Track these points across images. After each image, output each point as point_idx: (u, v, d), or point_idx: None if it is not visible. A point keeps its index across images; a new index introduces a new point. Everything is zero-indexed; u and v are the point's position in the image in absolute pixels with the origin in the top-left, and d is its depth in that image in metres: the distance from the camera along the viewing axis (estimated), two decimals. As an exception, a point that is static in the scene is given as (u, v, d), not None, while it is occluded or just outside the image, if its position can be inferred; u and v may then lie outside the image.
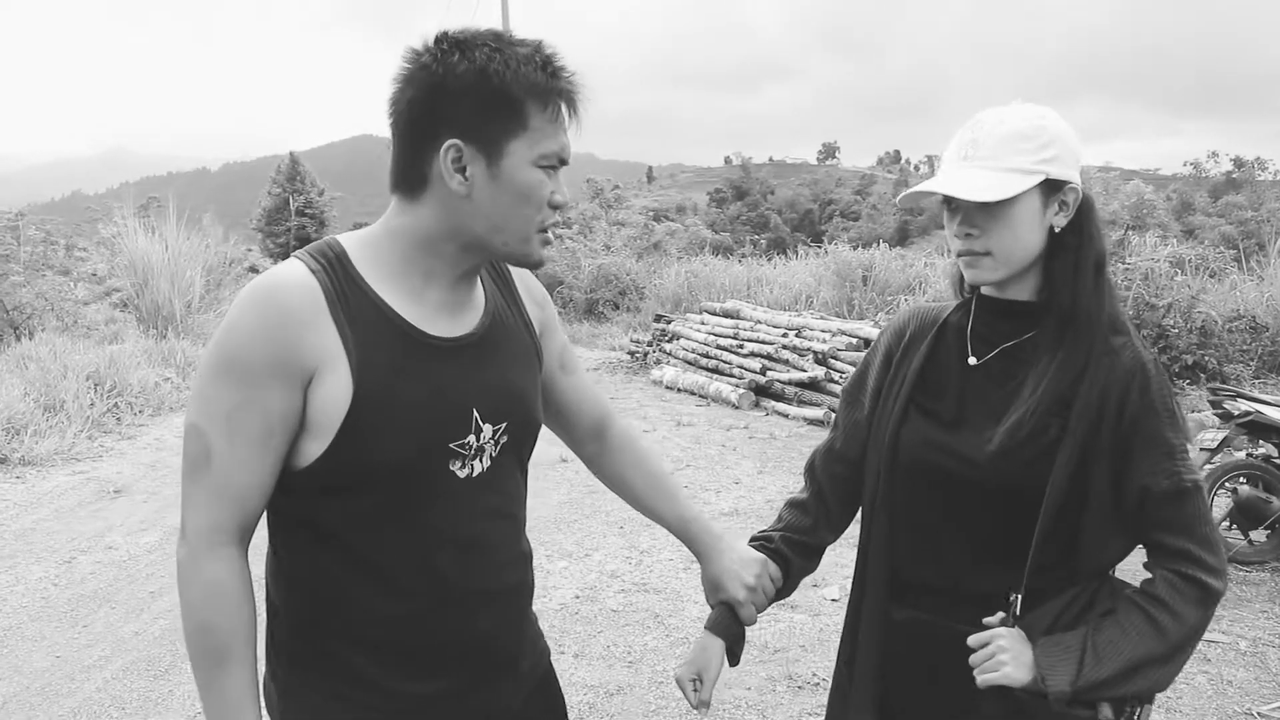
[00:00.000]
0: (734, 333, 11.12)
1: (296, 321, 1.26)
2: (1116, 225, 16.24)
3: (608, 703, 3.62)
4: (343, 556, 1.35)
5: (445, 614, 1.40)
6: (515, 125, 1.28)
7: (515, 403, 1.46)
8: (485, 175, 1.29)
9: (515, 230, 1.33)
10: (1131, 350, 1.47)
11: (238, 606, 1.30)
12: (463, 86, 1.26)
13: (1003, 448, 1.47)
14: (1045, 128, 1.46)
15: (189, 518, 1.30)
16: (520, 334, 1.51)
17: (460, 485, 1.38)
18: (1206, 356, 9.81)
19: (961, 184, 1.45)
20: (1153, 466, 1.43)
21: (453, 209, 1.31)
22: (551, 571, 5.03)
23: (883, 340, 1.73)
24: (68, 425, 8.16)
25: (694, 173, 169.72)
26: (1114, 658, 1.40)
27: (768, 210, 72.72)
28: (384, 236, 1.36)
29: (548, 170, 1.32)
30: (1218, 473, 5.25)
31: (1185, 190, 59.08)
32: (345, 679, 1.38)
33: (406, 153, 1.32)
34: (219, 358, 1.28)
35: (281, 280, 1.28)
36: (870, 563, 1.64)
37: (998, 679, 1.40)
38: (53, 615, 4.57)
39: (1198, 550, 1.44)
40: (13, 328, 12.21)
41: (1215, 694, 3.71)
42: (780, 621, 4.35)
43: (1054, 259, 1.50)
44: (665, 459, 7.58)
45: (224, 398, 1.26)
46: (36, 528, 5.92)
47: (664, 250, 20.69)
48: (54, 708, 3.66)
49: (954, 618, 1.54)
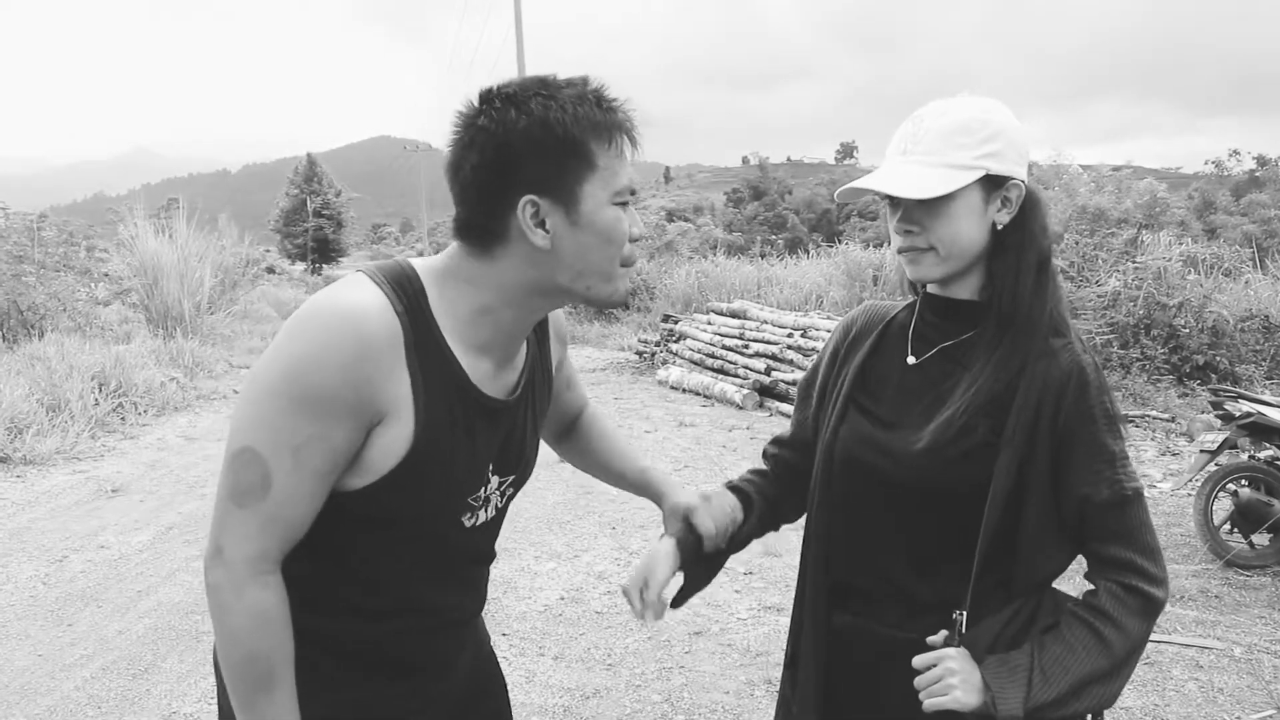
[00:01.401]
0: (740, 333, 11.07)
1: (379, 363, 1.22)
2: (1129, 224, 16.08)
3: (583, 705, 3.59)
4: (344, 579, 1.37)
5: (418, 636, 1.44)
6: (585, 169, 1.25)
7: (525, 458, 1.49)
8: (565, 224, 1.26)
9: (600, 271, 1.31)
10: (1069, 353, 1.43)
11: (283, 631, 1.29)
12: (527, 141, 1.23)
13: (929, 446, 1.43)
14: (988, 121, 1.42)
15: (232, 544, 1.25)
16: (543, 388, 1.53)
17: (464, 534, 1.41)
18: (1218, 357, 9.69)
19: (899, 180, 1.41)
20: (1092, 475, 1.40)
21: (536, 262, 1.28)
22: (539, 573, 5.01)
23: (833, 337, 1.70)
24: (70, 424, 8.20)
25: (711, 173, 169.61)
26: (1061, 676, 1.37)
27: (785, 210, 72.51)
28: (461, 282, 1.32)
29: (621, 206, 1.30)
30: (1218, 475, 5.17)
31: (1207, 189, 58.47)
32: (320, 682, 1.38)
33: (477, 214, 1.28)
34: (292, 387, 1.21)
35: (365, 313, 1.23)
36: (810, 566, 1.61)
37: (946, 703, 1.35)
38: (39, 614, 4.58)
39: (1140, 560, 1.40)
40: (26, 327, 12.31)
41: (1205, 701, 3.64)
42: (764, 624, 4.31)
43: (995, 257, 1.46)
44: (664, 459, 7.54)
45: (294, 430, 1.21)
46: (31, 526, 5.94)
47: (675, 250, 20.64)
48: (31, 706, 3.66)
49: (892, 624, 1.50)
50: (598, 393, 10.79)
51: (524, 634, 4.24)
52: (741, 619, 4.38)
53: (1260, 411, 5.11)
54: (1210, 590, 4.75)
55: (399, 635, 1.41)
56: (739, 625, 4.32)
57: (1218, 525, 5.14)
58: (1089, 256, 11.35)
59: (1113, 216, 19.37)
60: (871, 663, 1.53)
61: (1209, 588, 4.77)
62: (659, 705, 3.59)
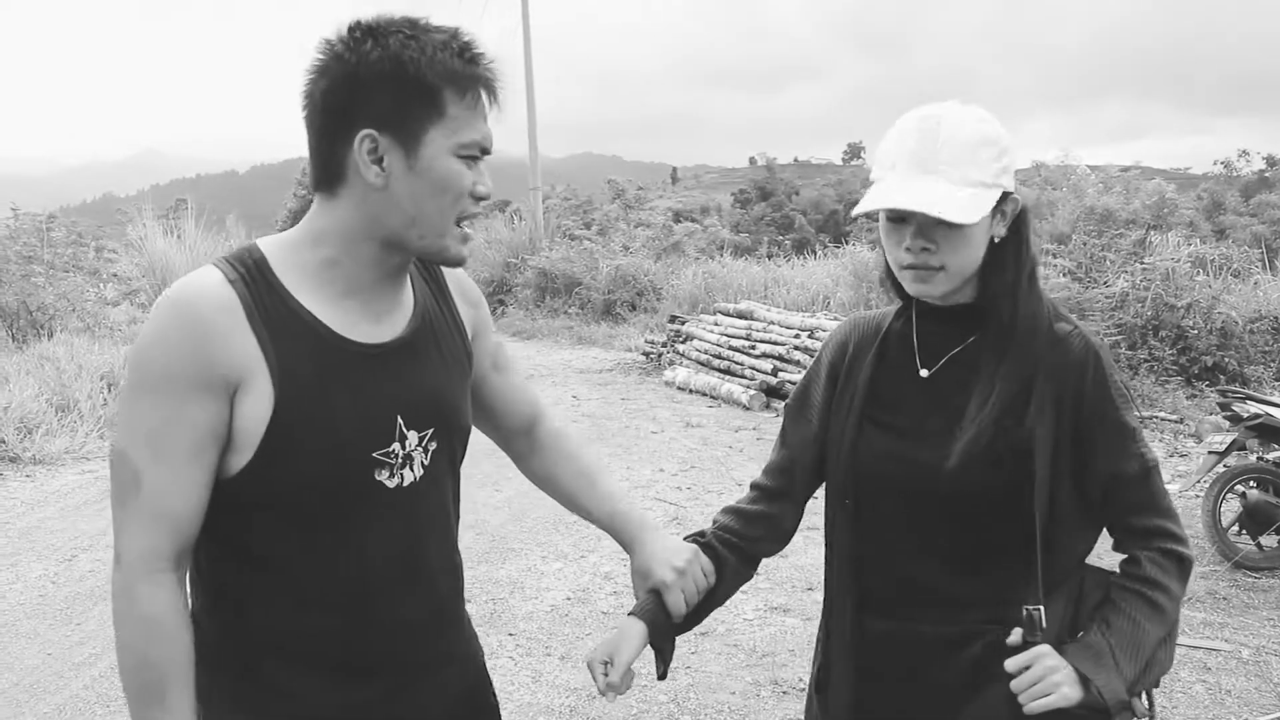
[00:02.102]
0: (747, 333, 11.06)
1: (215, 333, 1.22)
2: (1137, 225, 16.03)
3: (589, 705, 3.59)
4: (266, 571, 1.32)
5: (373, 626, 1.37)
6: (432, 113, 1.24)
7: (442, 408, 1.42)
8: (403, 165, 1.25)
9: (432, 223, 1.28)
10: (1080, 337, 1.46)
11: (175, 640, 1.25)
12: (377, 75, 1.22)
13: (962, 463, 1.43)
14: (1000, 136, 1.42)
15: (122, 545, 1.24)
16: (450, 337, 1.48)
17: (391, 496, 1.35)
18: (1226, 358, 9.65)
19: (931, 199, 1.36)
20: (1119, 451, 1.43)
21: (370, 202, 1.27)
22: (545, 573, 5.01)
23: (825, 354, 1.68)
24: (79, 424, 8.24)
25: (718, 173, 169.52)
26: (1136, 652, 1.39)
27: (792, 211, 72.38)
28: (305, 240, 1.32)
29: (468, 160, 1.28)
30: (1227, 477, 5.16)
31: (1216, 190, 58.23)
32: (266, 690, 1.35)
33: (322, 146, 1.28)
34: (137, 376, 1.24)
35: (196, 290, 1.24)
36: (838, 577, 1.61)
37: (1055, 701, 1.32)
38: (48, 612, 4.60)
39: (1170, 525, 1.46)
40: (35, 328, 12.35)
41: (1212, 703, 3.63)
42: (771, 625, 4.31)
43: (990, 267, 1.46)
44: (671, 459, 7.54)
45: (146, 417, 1.22)
46: (41, 525, 5.97)
47: (682, 251, 20.64)
48: (40, 704, 3.68)
49: (923, 621, 1.51)
50: (605, 393, 10.80)
51: (530, 634, 4.25)
52: (748, 620, 4.39)
53: (1269, 413, 5.10)
54: (1218, 592, 4.74)
55: (357, 628, 1.35)
56: (745, 626, 4.32)
57: (1226, 527, 5.12)
58: (1097, 257, 11.32)
59: (1121, 217, 19.30)
60: (904, 662, 1.54)
61: (1217, 589, 4.76)
62: (665, 705, 3.60)
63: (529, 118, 23.06)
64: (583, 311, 17.79)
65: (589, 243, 19.95)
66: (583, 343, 15.74)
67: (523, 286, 19.18)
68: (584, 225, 23.45)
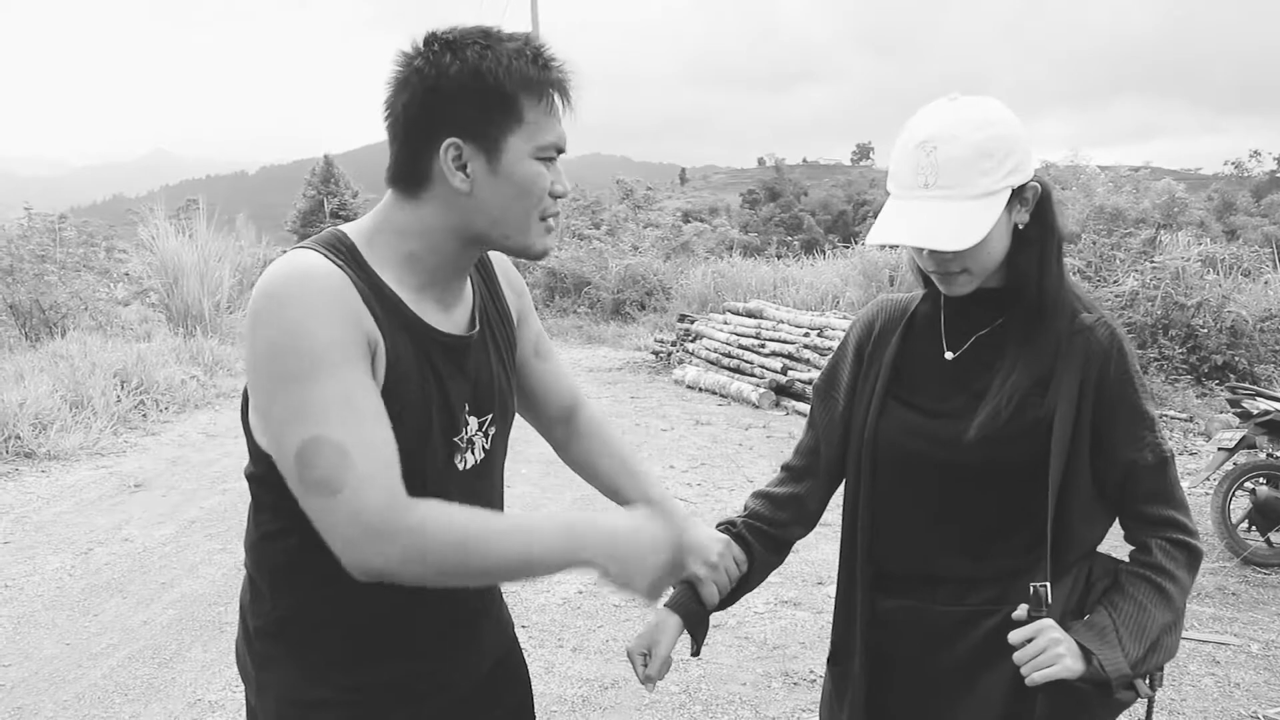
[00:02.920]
0: (756, 332, 11.08)
1: (348, 301, 1.24)
2: (1147, 224, 16.01)
3: (601, 696, 3.63)
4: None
5: (430, 603, 1.42)
6: (511, 120, 1.29)
7: (498, 395, 1.49)
8: (486, 171, 1.30)
9: (517, 223, 1.34)
10: (1105, 326, 1.48)
11: (461, 511, 1.25)
12: (457, 86, 1.27)
13: (981, 435, 1.46)
14: (1002, 137, 1.40)
15: (364, 510, 1.18)
16: (501, 325, 1.54)
17: (460, 477, 1.41)
18: (1237, 357, 9.65)
19: (934, 228, 1.39)
20: (1136, 440, 1.46)
21: (456, 206, 1.32)
22: (557, 567, 5.04)
23: (852, 335, 1.71)
24: (94, 421, 8.30)
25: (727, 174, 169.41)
26: (1141, 634, 1.42)
27: (801, 211, 72.35)
28: (389, 233, 1.35)
29: (546, 162, 1.33)
30: (1236, 473, 5.17)
31: (1227, 190, 58.03)
32: (324, 661, 1.40)
33: (405, 154, 1.32)
34: (295, 362, 1.19)
35: (313, 268, 1.24)
36: (855, 555, 1.64)
37: (1058, 672, 1.34)
38: (66, 604, 4.65)
39: (1181, 517, 1.48)
40: (48, 326, 12.44)
41: (1221, 696, 3.65)
42: (781, 618, 4.34)
43: (1019, 253, 1.48)
44: (681, 457, 7.57)
45: (326, 393, 1.19)
46: (57, 520, 6.02)
47: (691, 251, 20.66)
48: (59, 693, 3.73)
49: (945, 602, 1.54)
50: (614, 391, 10.83)
51: (543, 626, 4.28)
52: (758, 613, 4.41)
53: (1279, 409, 5.11)
54: (1227, 588, 4.75)
55: (415, 604, 1.39)
56: (756, 619, 4.35)
57: (1235, 523, 5.13)
58: (1106, 256, 11.32)
59: (1130, 216, 19.27)
60: (916, 640, 1.57)
61: (1226, 585, 4.77)
62: (676, 696, 3.63)
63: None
64: (592, 311, 17.83)
65: (598, 242, 19.99)
66: (592, 342, 15.78)
67: (532, 286, 19.24)
68: (593, 225, 23.47)
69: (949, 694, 1.55)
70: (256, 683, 1.45)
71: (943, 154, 1.39)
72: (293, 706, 1.41)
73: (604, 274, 18.09)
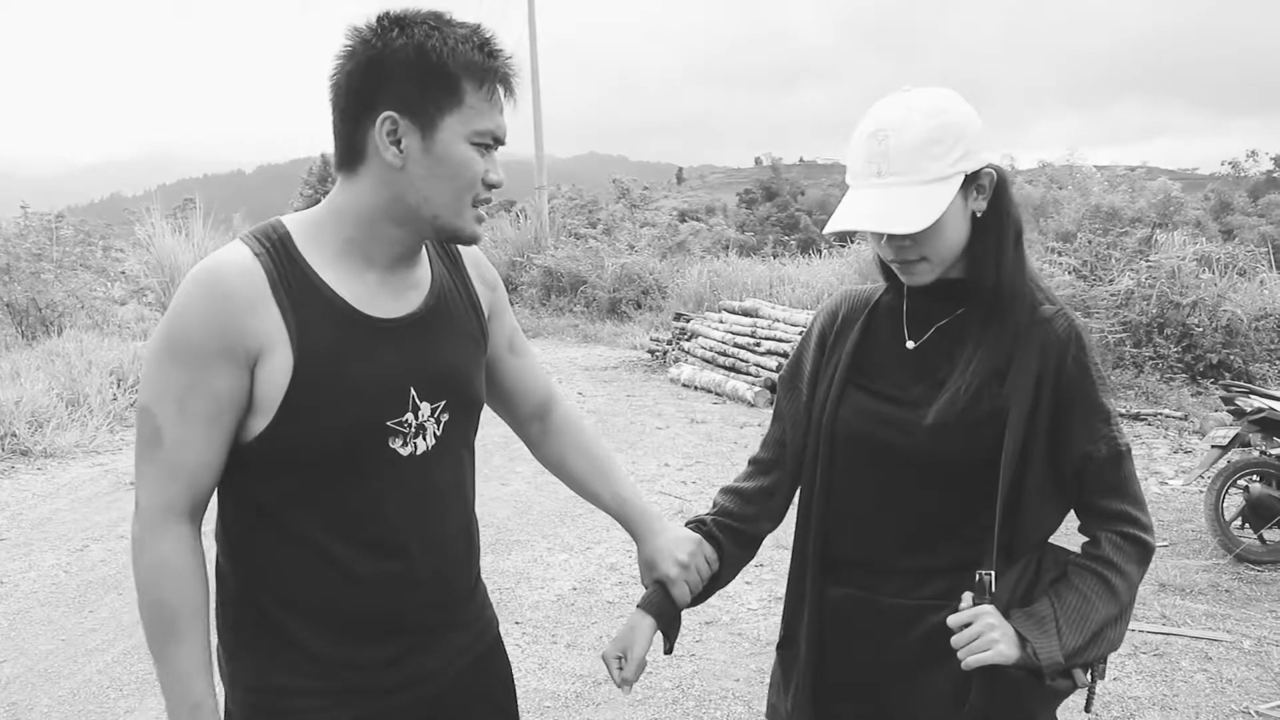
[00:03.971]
0: (752, 331, 11.09)
1: (240, 305, 1.30)
2: (1143, 223, 16.02)
3: (595, 691, 3.64)
4: (283, 530, 1.39)
5: (380, 587, 1.42)
6: (450, 101, 1.31)
7: (454, 381, 1.48)
8: (419, 148, 1.32)
9: (447, 204, 1.36)
10: (1064, 318, 1.49)
11: (187, 582, 1.34)
12: (400, 61, 1.29)
13: (938, 421, 1.47)
14: (951, 124, 1.42)
15: (142, 496, 1.34)
16: (465, 314, 1.54)
17: (403, 462, 1.41)
18: (1231, 355, 9.66)
19: (886, 215, 1.42)
20: (1091, 433, 1.46)
21: (388, 181, 1.34)
22: (551, 564, 5.06)
23: (816, 324, 1.73)
24: (90, 418, 8.30)
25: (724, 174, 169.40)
26: (1081, 624, 1.42)
27: (798, 211, 72.34)
28: (326, 216, 1.39)
29: (481, 148, 1.35)
30: (1230, 470, 5.18)
31: (1224, 190, 58.03)
32: (283, 644, 1.41)
33: (345, 126, 1.35)
34: (167, 341, 1.31)
35: (225, 264, 1.32)
36: (807, 541, 1.65)
37: (991, 658, 1.36)
38: (61, 600, 4.66)
39: (1134, 511, 1.49)
40: (44, 324, 12.44)
41: (1213, 692, 3.66)
42: (774, 615, 4.34)
43: (977, 241, 1.50)
44: (676, 455, 7.58)
45: (173, 380, 1.30)
46: (53, 517, 6.03)
47: (688, 250, 20.65)
48: (54, 688, 3.73)
49: (894, 594, 1.55)
50: (610, 390, 10.84)
51: (537, 622, 4.29)
52: (752, 609, 4.43)
53: (1272, 407, 5.12)
54: (1220, 585, 4.76)
55: (368, 587, 1.41)
56: (749, 615, 4.36)
57: (1229, 520, 5.14)
58: (1102, 255, 11.33)
59: (1126, 215, 19.27)
60: (863, 630, 1.57)
61: (1219, 582, 4.79)
62: (670, 692, 3.64)
63: (535, 118, 23.09)
64: (588, 310, 17.82)
65: (594, 241, 19.97)
66: (588, 340, 15.77)
67: (528, 285, 19.21)
68: (590, 224, 23.43)
69: (897, 684, 1.56)
70: (228, 675, 1.46)
71: (893, 142, 1.42)
72: (256, 694, 1.43)
73: (600, 273, 18.08)
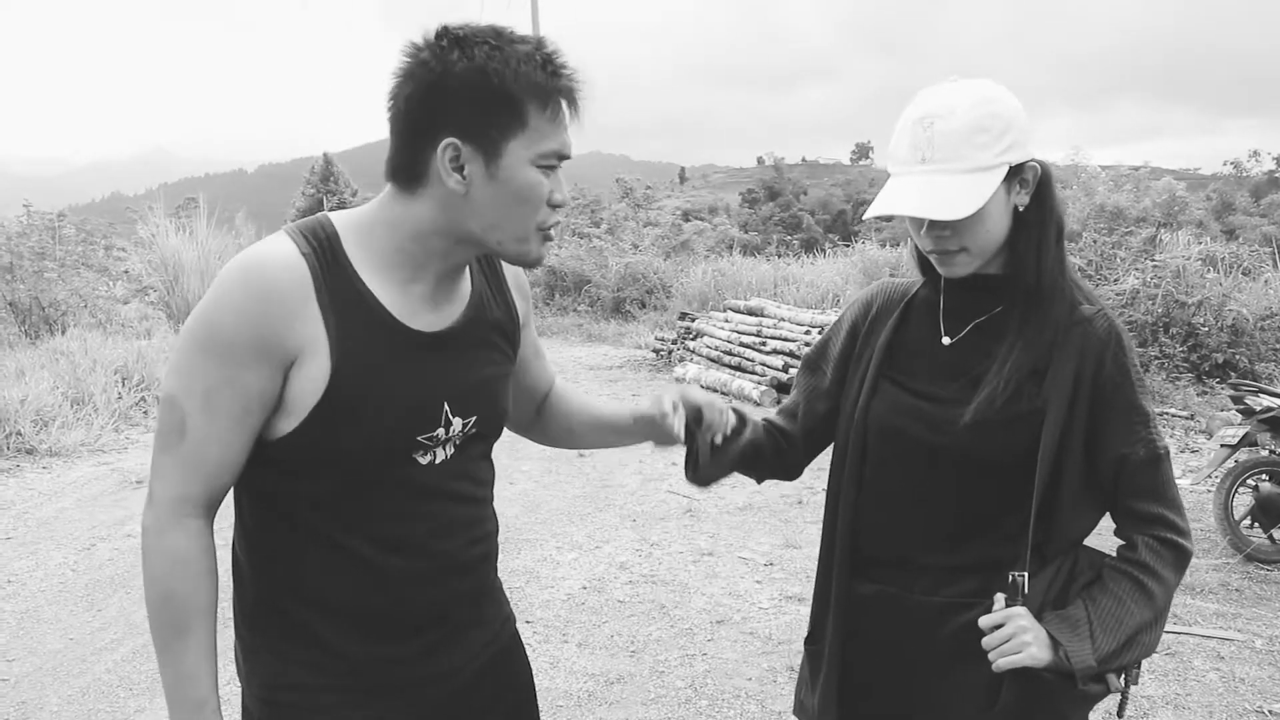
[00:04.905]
0: (757, 330, 11.08)
1: (283, 306, 1.25)
2: (1147, 223, 16.02)
3: (607, 691, 3.63)
4: (304, 530, 1.37)
5: (400, 585, 1.41)
6: (514, 125, 1.26)
7: (486, 396, 1.46)
8: (483, 175, 1.27)
9: (512, 230, 1.32)
10: (1105, 318, 1.47)
11: (199, 577, 1.32)
12: (461, 85, 1.24)
13: (976, 419, 1.45)
14: (998, 114, 1.40)
15: (157, 487, 1.31)
16: (500, 327, 1.51)
17: (420, 471, 1.40)
18: (1237, 355, 9.65)
19: (929, 200, 1.39)
20: (1129, 435, 1.44)
21: (449, 206, 1.30)
22: (561, 563, 5.05)
23: (848, 313, 1.71)
24: (94, 417, 8.30)
25: (726, 173, 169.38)
26: (1116, 628, 1.40)
27: (800, 211, 72.32)
28: (379, 224, 1.34)
29: (546, 170, 1.30)
30: (1239, 470, 5.17)
31: (1226, 190, 58.01)
32: (303, 641, 1.40)
33: (404, 148, 1.30)
34: (202, 333, 1.27)
35: (270, 259, 1.27)
36: (835, 537, 1.63)
37: (1023, 660, 1.35)
38: (69, 599, 4.65)
39: (1171, 515, 1.46)
40: (47, 323, 12.44)
41: (1226, 691, 3.65)
42: (786, 613, 4.34)
43: (1019, 236, 1.47)
44: (683, 454, 7.57)
45: (204, 374, 1.26)
46: (59, 516, 6.02)
47: (691, 249, 20.66)
48: (64, 687, 3.73)
49: (923, 591, 1.53)
50: (615, 389, 10.83)
51: (547, 621, 4.28)
52: (763, 608, 4.42)
53: (1281, 406, 5.11)
54: (1230, 584, 4.75)
55: (386, 586, 1.39)
56: (761, 614, 4.35)
57: (1238, 520, 5.13)
58: (1107, 255, 11.32)
59: (1131, 215, 19.27)
60: (893, 627, 1.56)
61: (1229, 581, 4.77)
62: (682, 691, 3.63)
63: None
64: (592, 309, 17.82)
65: (598, 241, 20.00)
66: (593, 340, 15.77)
67: (533, 284, 19.19)
68: (593, 224, 23.47)
69: (926, 682, 1.54)
70: (245, 673, 1.45)
71: (939, 128, 1.39)
72: (277, 691, 1.41)
73: (604, 272, 18.09)
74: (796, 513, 5.88)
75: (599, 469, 7.05)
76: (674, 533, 5.53)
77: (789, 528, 5.56)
